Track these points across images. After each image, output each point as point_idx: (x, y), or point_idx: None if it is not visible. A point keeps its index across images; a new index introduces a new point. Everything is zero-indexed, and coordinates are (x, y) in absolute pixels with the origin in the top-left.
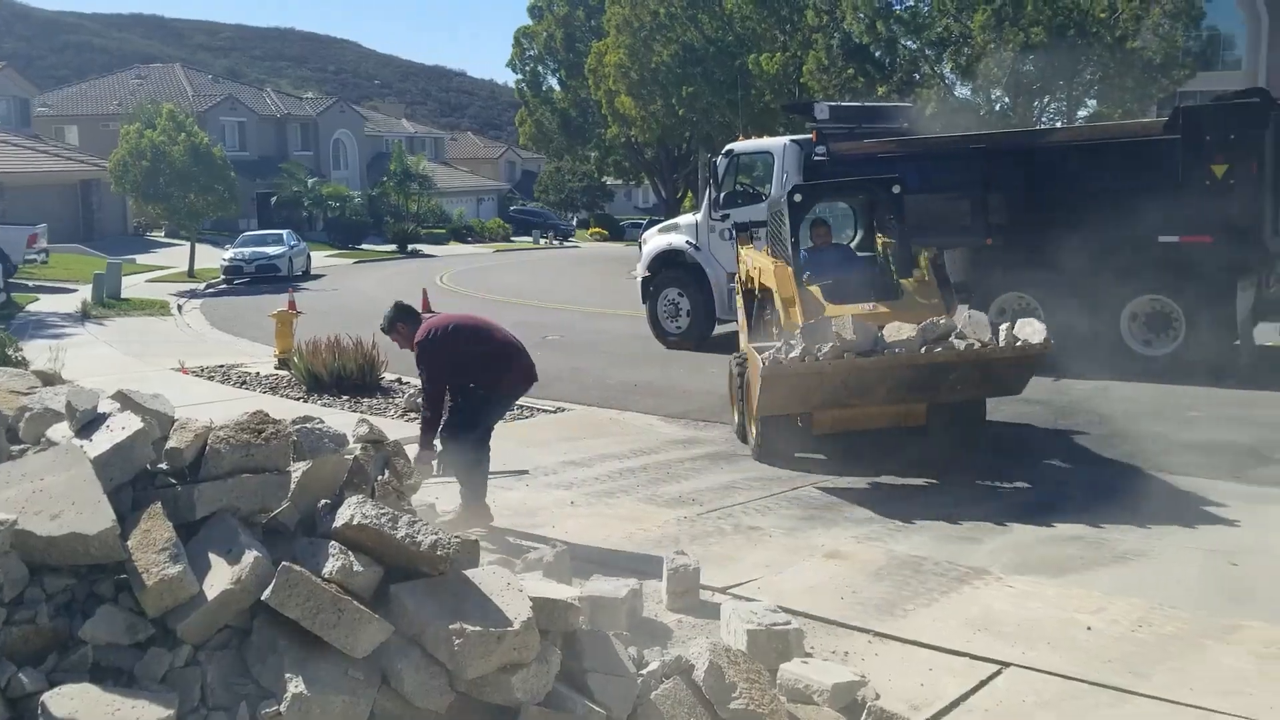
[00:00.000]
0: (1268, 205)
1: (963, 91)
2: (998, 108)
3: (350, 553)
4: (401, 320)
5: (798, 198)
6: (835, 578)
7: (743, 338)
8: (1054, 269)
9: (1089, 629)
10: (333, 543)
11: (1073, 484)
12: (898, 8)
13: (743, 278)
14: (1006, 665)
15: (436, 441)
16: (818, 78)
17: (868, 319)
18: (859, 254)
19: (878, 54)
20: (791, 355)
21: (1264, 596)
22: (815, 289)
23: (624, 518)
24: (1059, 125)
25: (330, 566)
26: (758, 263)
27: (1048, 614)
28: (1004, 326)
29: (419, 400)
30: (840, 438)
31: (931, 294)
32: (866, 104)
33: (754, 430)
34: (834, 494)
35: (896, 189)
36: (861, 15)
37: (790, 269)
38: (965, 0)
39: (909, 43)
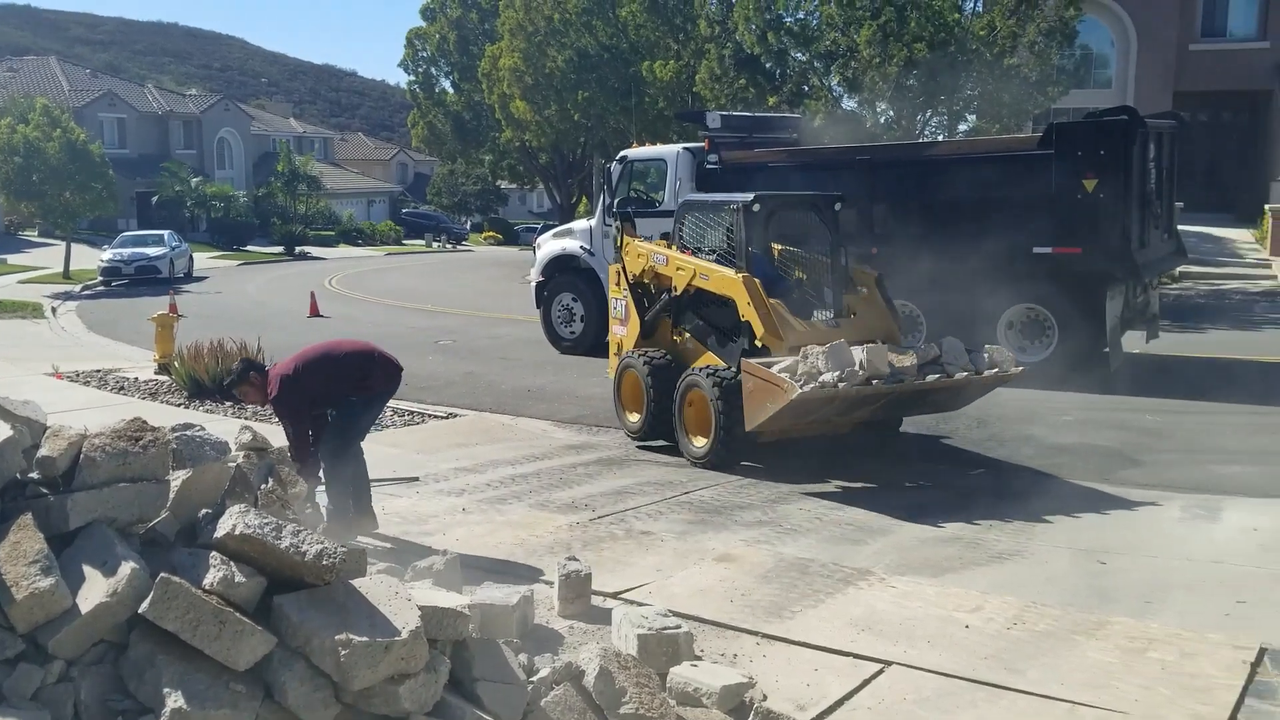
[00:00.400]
0: (1134, 219)
1: (850, 104)
2: (883, 120)
3: (232, 563)
4: (248, 378)
5: (757, 208)
6: (725, 581)
7: (622, 334)
8: (936, 278)
9: (967, 627)
10: (214, 553)
11: (952, 486)
12: (788, 20)
13: (635, 273)
14: (889, 664)
15: (321, 476)
16: (710, 86)
17: (835, 336)
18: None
19: (768, 65)
20: (823, 378)
21: (1129, 593)
22: (777, 303)
23: (516, 524)
24: (940, 138)
25: (211, 577)
26: (687, 264)
27: (928, 613)
28: (980, 354)
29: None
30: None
31: (879, 313)
32: (757, 114)
33: (707, 440)
34: (725, 496)
35: (839, 206)
36: (753, 27)
37: (758, 280)
38: (852, 15)
39: (798, 55)
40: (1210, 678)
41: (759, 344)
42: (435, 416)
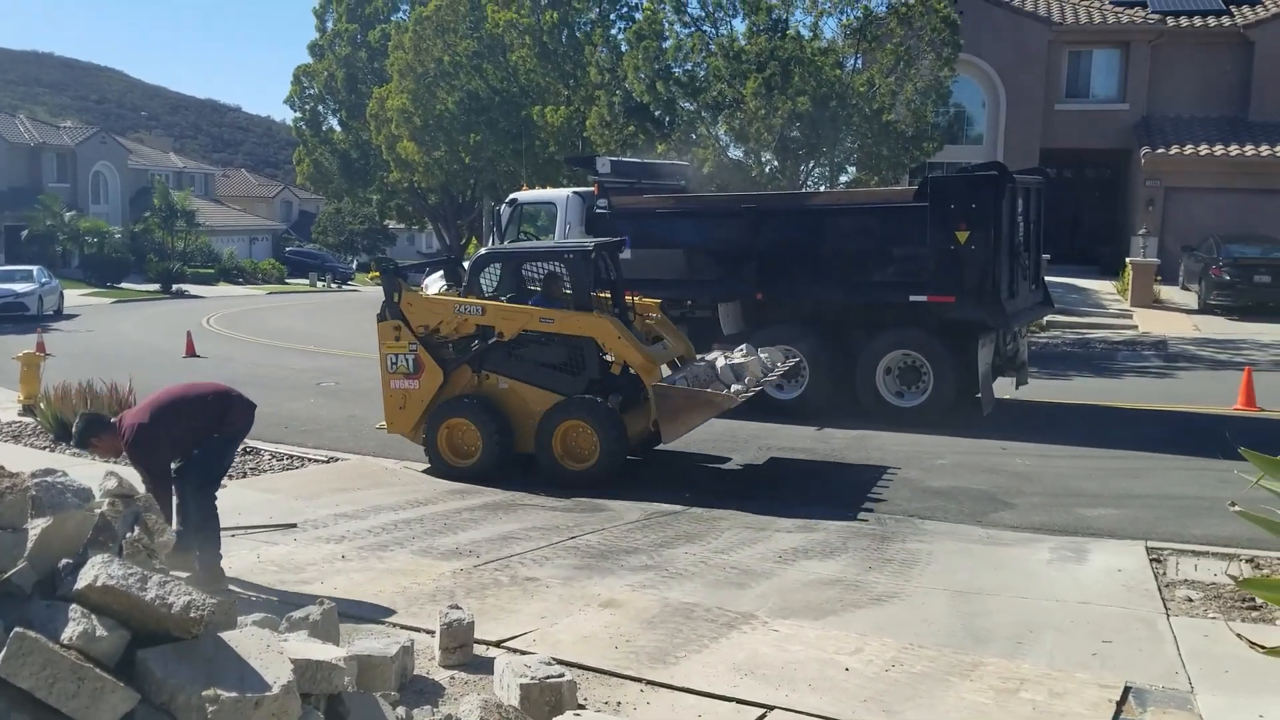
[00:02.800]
0: (1004, 269)
1: (736, 153)
2: (767, 170)
3: (93, 616)
4: (94, 433)
5: (593, 254)
6: (610, 627)
7: (410, 388)
8: (818, 324)
9: (847, 670)
10: (74, 606)
11: (831, 529)
12: (676, 71)
13: (429, 325)
14: (771, 708)
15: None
16: (600, 132)
17: (666, 357)
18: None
19: (657, 113)
20: (734, 388)
21: (1002, 634)
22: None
23: (398, 571)
24: (822, 189)
25: (70, 632)
26: (515, 312)
27: (809, 656)
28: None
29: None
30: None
31: (676, 335)
32: (646, 160)
33: (589, 463)
34: (612, 540)
35: (626, 253)
36: (642, 76)
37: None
38: (738, 68)
39: (687, 104)
40: (1079, 716)
41: (618, 371)
42: (316, 460)
